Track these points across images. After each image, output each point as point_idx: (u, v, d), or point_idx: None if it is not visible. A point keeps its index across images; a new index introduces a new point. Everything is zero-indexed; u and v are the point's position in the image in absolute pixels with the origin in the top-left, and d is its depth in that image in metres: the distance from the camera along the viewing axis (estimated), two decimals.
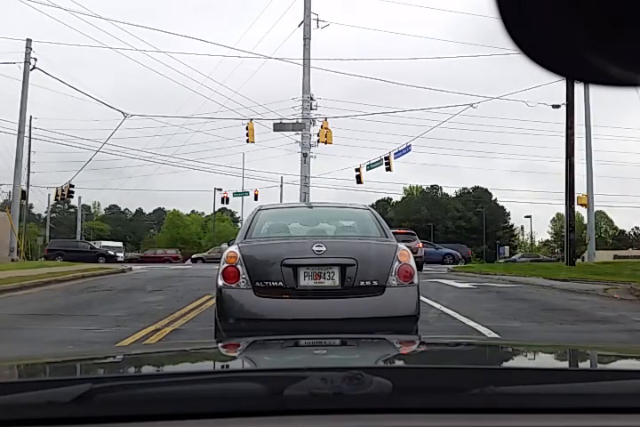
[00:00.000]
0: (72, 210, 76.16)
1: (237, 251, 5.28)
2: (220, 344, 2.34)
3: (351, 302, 5.10)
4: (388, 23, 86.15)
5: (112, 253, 39.66)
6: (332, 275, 5.17)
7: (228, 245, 5.77)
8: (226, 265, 5.20)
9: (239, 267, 5.15)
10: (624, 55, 0.65)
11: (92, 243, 44.04)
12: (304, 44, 27.17)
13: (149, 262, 35.99)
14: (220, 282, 5.19)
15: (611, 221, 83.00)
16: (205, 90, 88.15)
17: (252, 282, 5.11)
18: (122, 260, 40.02)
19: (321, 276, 5.17)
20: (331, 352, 1.82)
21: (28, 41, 25.88)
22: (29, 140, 36.72)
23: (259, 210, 6.35)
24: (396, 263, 5.21)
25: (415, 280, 5.27)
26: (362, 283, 5.12)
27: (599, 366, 1.63)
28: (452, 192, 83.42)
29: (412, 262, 5.34)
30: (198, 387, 1.08)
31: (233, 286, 5.14)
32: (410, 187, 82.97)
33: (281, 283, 5.10)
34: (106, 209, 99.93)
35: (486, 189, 79.38)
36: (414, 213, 76.00)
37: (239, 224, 71.40)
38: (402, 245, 5.54)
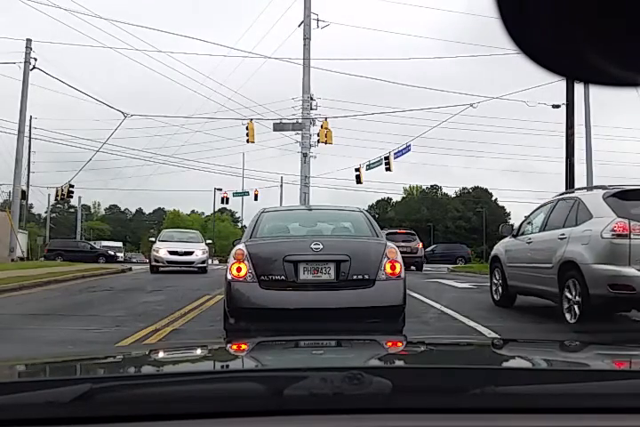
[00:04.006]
0: (72, 210, 76.02)
1: (244, 249, 5.90)
2: (220, 344, 2.34)
3: (345, 293, 5.71)
4: (389, 23, 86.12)
5: (112, 253, 39.55)
6: (328, 270, 5.77)
7: (233, 245, 6.34)
8: (234, 261, 5.82)
9: (246, 263, 5.76)
10: (624, 55, 0.65)
11: (91, 243, 43.91)
12: (304, 44, 27.14)
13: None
14: (229, 276, 5.80)
15: None
16: (205, 90, 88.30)
17: (258, 276, 5.72)
18: (121, 260, 39.92)
19: (318, 270, 5.77)
20: (330, 352, 1.82)
21: (28, 41, 25.85)
22: (29, 141, 36.76)
23: (262, 212, 6.98)
24: (385, 260, 5.82)
25: (402, 274, 5.88)
26: (354, 277, 5.72)
27: (599, 366, 1.62)
28: (451, 192, 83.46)
29: (399, 259, 5.94)
30: (198, 387, 1.08)
31: (240, 279, 5.74)
32: (410, 187, 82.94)
33: (283, 277, 5.71)
34: (106, 209, 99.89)
35: (486, 189, 79.38)
36: (414, 213, 75.98)
37: (239, 224, 71.46)
38: (390, 244, 6.15)
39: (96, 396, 1.01)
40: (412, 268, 20.81)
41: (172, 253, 19.13)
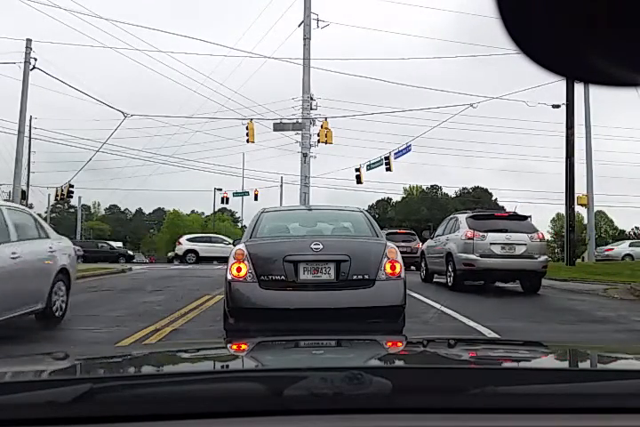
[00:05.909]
0: (72, 210, 75.95)
1: (244, 249, 5.89)
2: (220, 344, 2.34)
3: (345, 293, 5.71)
4: (389, 23, 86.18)
5: (131, 253, 40.71)
6: (328, 270, 5.77)
7: (233, 245, 6.36)
8: (234, 261, 5.82)
9: (246, 263, 5.76)
10: (624, 55, 0.65)
11: (109, 243, 43.27)
12: (304, 44, 27.11)
13: None
14: (229, 276, 5.80)
15: (611, 221, 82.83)
16: (205, 90, 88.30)
17: (258, 276, 5.71)
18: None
19: (318, 270, 5.77)
20: (330, 352, 1.82)
21: (28, 41, 25.80)
22: (29, 141, 36.66)
23: (262, 212, 6.97)
24: (385, 259, 5.83)
25: (402, 274, 5.89)
26: (354, 277, 5.72)
27: (599, 366, 1.62)
28: (451, 192, 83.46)
29: (399, 259, 5.95)
30: (198, 387, 1.08)
31: (240, 279, 5.74)
32: (410, 187, 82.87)
33: (283, 277, 5.70)
34: (106, 209, 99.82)
35: (486, 189, 79.34)
36: (414, 213, 75.92)
37: (239, 224, 71.44)
38: (390, 244, 6.16)
39: (96, 396, 1.01)
40: (412, 268, 20.79)
41: None
